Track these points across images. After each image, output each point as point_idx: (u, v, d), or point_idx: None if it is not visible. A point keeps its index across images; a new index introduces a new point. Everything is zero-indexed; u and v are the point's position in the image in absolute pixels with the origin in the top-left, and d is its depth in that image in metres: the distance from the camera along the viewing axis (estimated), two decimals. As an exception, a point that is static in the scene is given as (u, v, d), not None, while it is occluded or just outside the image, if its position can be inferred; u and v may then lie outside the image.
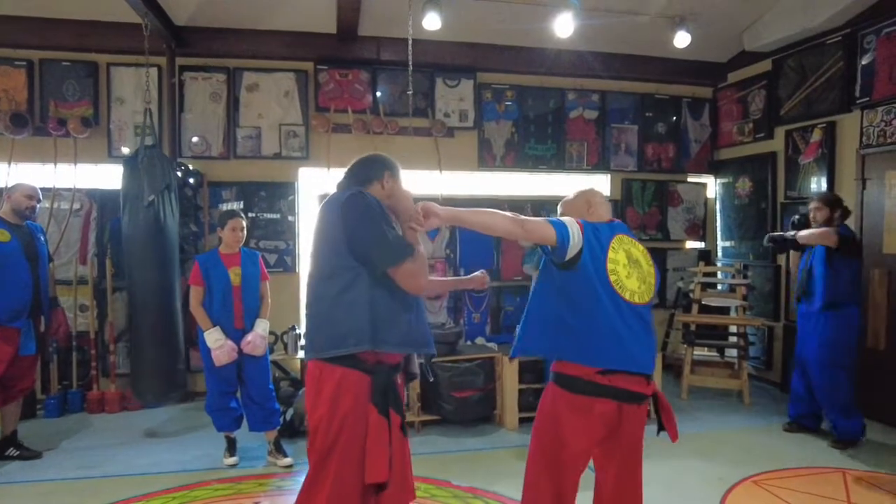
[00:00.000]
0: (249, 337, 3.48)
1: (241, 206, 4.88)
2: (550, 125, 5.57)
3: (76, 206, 4.69)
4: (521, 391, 4.30)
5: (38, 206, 3.72)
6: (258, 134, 4.95)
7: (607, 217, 2.20)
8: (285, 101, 4.98)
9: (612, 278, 2.00)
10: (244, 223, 3.58)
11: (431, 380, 2.12)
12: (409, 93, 4.48)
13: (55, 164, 4.62)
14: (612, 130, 5.72)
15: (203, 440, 4.01)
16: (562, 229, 1.95)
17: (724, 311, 5.27)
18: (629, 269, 2.05)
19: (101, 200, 4.75)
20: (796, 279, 4.12)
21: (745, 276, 5.21)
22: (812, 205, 3.97)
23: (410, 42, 4.10)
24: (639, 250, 2.16)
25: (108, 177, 4.80)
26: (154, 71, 4.73)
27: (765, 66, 5.25)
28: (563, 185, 5.74)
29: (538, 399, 4.40)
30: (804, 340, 3.99)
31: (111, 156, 4.78)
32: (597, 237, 2.02)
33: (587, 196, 2.23)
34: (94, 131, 4.69)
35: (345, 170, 2.08)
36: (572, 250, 1.95)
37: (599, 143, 5.70)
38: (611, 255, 2.03)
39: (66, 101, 4.70)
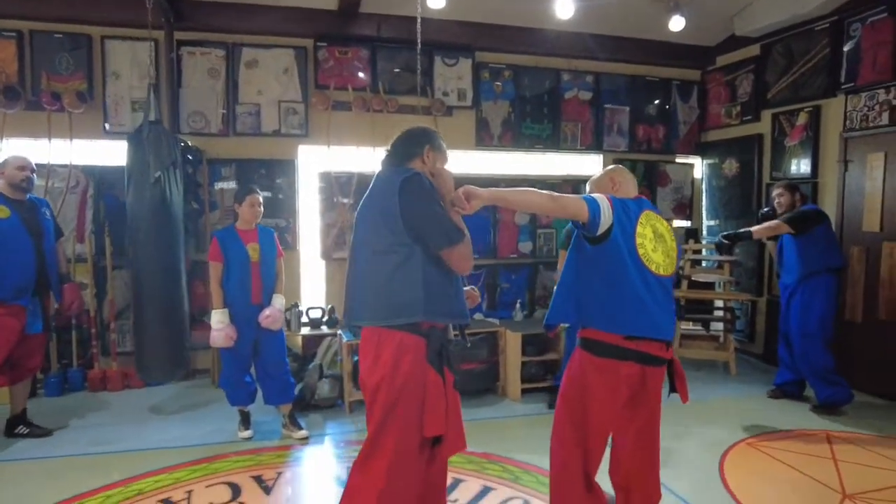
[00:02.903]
0: (268, 311, 3.53)
1: (229, 184, 4.87)
2: (546, 105, 5.67)
3: (72, 183, 4.60)
4: (523, 363, 4.46)
5: (33, 176, 3.63)
6: (257, 111, 4.92)
7: (634, 193, 2.34)
8: (285, 77, 4.95)
9: (640, 251, 2.14)
10: (261, 198, 3.60)
11: (468, 346, 2.24)
12: (418, 71, 4.51)
13: (49, 140, 4.51)
14: (605, 111, 5.85)
15: (214, 415, 4.07)
16: (594, 205, 2.07)
17: (710, 286, 5.52)
18: (655, 243, 2.20)
19: (98, 177, 4.67)
20: (775, 255, 4.42)
21: (731, 254, 5.44)
22: (776, 192, 4.30)
23: (419, 20, 4.12)
24: (663, 226, 2.30)
25: (104, 153, 4.73)
26: (149, 45, 4.64)
27: (753, 50, 5.43)
28: (557, 164, 5.88)
29: (541, 371, 4.62)
30: (786, 312, 4.27)
31: (107, 132, 4.70)
32: (626, 213, 2.15)
33: (611, 174, 2.37)
34: (88, 106, 4.59)
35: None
36: (603, 225, 2.07)
37: (593, 124, 5.83)
38: (639, 229, 2.16)
39: (59, 74, 4.58)
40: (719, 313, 5.49)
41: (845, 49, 4.59)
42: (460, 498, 2.90)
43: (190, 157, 4.65)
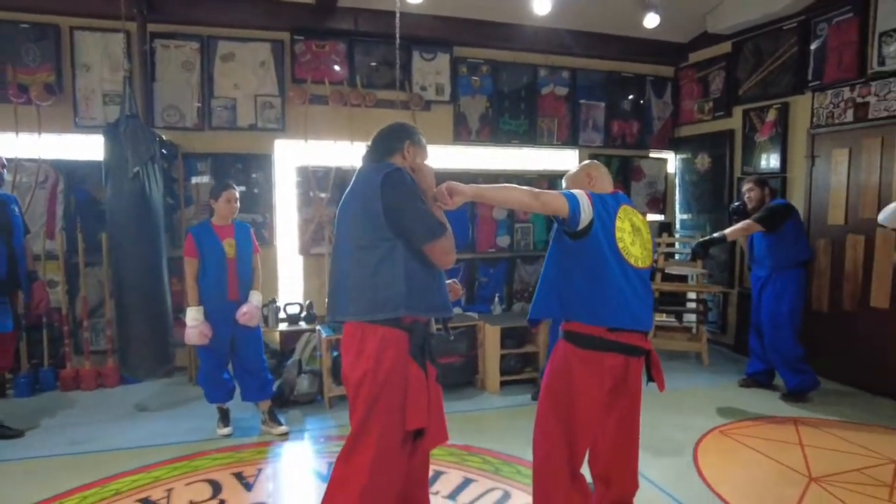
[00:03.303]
0: (245, 308, 3.51)
1: (205, 179, 4.80)
2: (523, 101, 5.71)
3: (41, 178, 4.49)
4: (502, 356, 4.51)
5: (3, 171, 3.57)
6: (233, 105, 4.86)
7: (610, 188, 2.39)
8: (261, 71, 4.90)
9: (620, 245, 2.19)
10: (238, 194, 3.57)
11: (452, 339, 2.27)
12: (397, 65, 4.51)
13: (17, 134, 4.39)
14: (580, 107, 5.91)
15: (192, 413, 4.03)
16: (573, 201, 2.10)
17: (683, 279, 5.64)
18: (633, 236, 2.25)
19: (69, 172, 4.57)
20: (747, 250, 4.54)
21: (706, 258, 5.57)
22: (745, 187, 4.42)
23: (398, 15, 4.11)
24: (639, 219, 2.36)
25: (75, 147, 4.62)
26: (122, 37, 4.54)
27: (725, 48, 5.55)
28: (534, 160, 5.93)
29: (519, 363, 4.67)
30: (757, 303, 4.39)
31: (77, 125, 4.59)
32: (605, 208, 2.19)
33: (587, 170, 2.41)
34: (57, 99, 4.48)
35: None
36: (584, 221, 2.11)
37: (569, 119, 5.89)
38: (618, 224, 2.21)
39: (25, 66, 4.46)
40: (692, 305, 5.62)
41: (812, 48, 4.72)
42: (441, 490, 2.94)
43: (165, 152, 4.57)
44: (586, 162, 2.50)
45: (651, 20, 5.05)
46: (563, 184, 2.49)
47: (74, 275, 4.55)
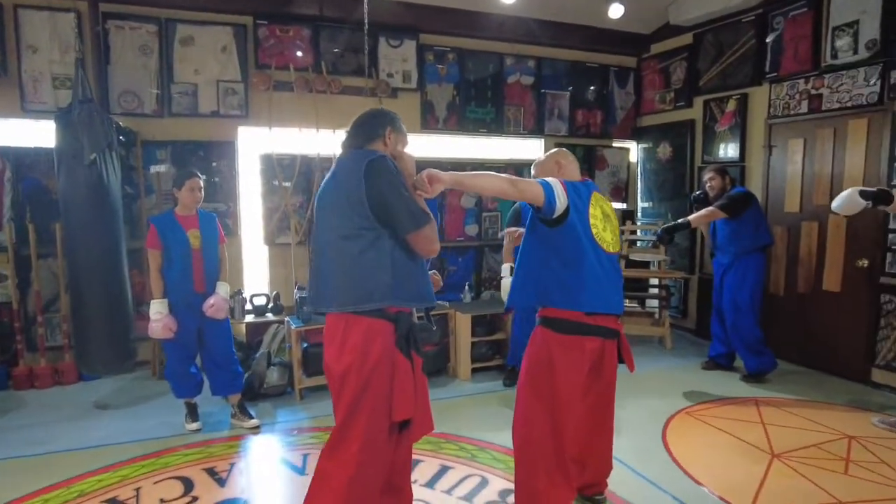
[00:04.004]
0: (212, 300, 3.41)
1: (165, 167, 4.62)
2: (490, 89, 5.71)
3: (-14, 165, 4.25)
4: (473, 344, 4.54)
5: None
6: (194, 91, 4.68)
7: (577, 176, 2.43)
8: (223, 56, 4.73)
9: (594, 231, 2.24)
10: (202, 182, 3.46)
11: (434, 328, 2.27)
12: (366, 52, 4.44)
13: (-42, 119, 4.14)
14: (546, 96, 5.95)
15: (157, 408, 3.92)
16: (549, 190, 2.13)
17: (645, 265, 5.78)
18: (604, 223, 2.31)
19: (16, 159, 4.33)
20: (708, 237, 4.68)
21: (671, 244, 5.72)
22: (707, 175, 4.55)
23: (366, 1, 4.03)
24: (608, 206, 2.42)
25: (23, 133, 4.38)
26: (72, 17, 4.32)
27: (686, 39, 5.67)
28: (501, 148, 5.95)
29: (490, 350, 4.71)
30: (719, 288, 4.54)
31: (25, 110, 4.35)
32: (578, 195, 2.24)
33: (556, 158, 2.45)
34: (2, 82, 4.23)
35: (348, 129, 2.10)
36: (559, 209, 2.15)
37: (535, 109, 5.92)
38: (591, 210, 2.26)
39: (-34, 47, 4.19)
40: (655, 291, 5.77)
41: (768, 41, 4.87)
42: (419, 478, 2.94)
43: (123, 139, 4.38)
44: (554, 150, 2.53)
45: (615, 10, 5.11)
46: (532, 171, 2.53)
47: (26, 268, 4.33)
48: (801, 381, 4.41)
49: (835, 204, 3.02)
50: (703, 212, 4.33)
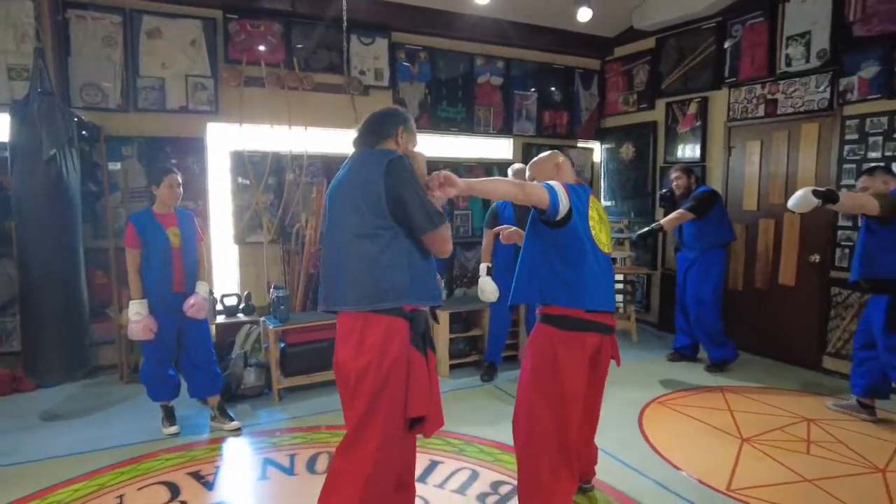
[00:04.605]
0: (192, 300, 3.33)
1: (136, 163, 4.47)
2: (461, 89, 5.76)
3: (-66, 160, 3.98)
4: (451, 340, 4.59)
5: None
6: (161, 85, 4.53)
7: (572, 179, 2.51)
8: (192, 50, 4.60)
9: (593, 233, 2.33)
10: (180, 179, 3.37)
11: (438, 324, 2.31)
12: (344, 49, 4.40)
13: None
14: (514, 97, 6.06)
15: (128, 413, 3.78)
16: (553, 193, 2.21)
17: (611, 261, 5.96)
18: (600, 224, 2.42)
19: (-32, 154, 4.09)
20: (673, 234, 4.89)
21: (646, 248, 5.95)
22: (673, 175, 4.77)
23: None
24: (601, 209, 2.53)
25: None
26: (30, 5, 4.11)
27: (649, 43, 5.88)
28: (472, 148, 6.01)
29: (467, 347, 4.77)
30: (683, 283, 4.75)
31: (-23, 102, 4.11)
32: (579, 198, 2.33)
33: (554, 159, 2.52)
34: (-48, 72, 4.00)
35: (360, 127, 2.10)
36: (562, 211, 2.23)
37: (504, 109, 6.01)
38: (590, 213, 2.35)
39: (-89, 33, 3.93)
40: (620, 286, 5.97)
41: (727, 47, 5.12)
42: (411, 474, 2.95)
43: (85, 134, 4.20)
44: (551, 152, 2.60)
45: (584, 14, 5.23)
46: (528, 172, 2.59)
47: (-22, 269, 4.10)
48: (760, 370, 4.67)
49: (791, 202, 3.25)
50: (673, 215, 4.52)
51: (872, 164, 3.74)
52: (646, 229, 4.64)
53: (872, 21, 4.11)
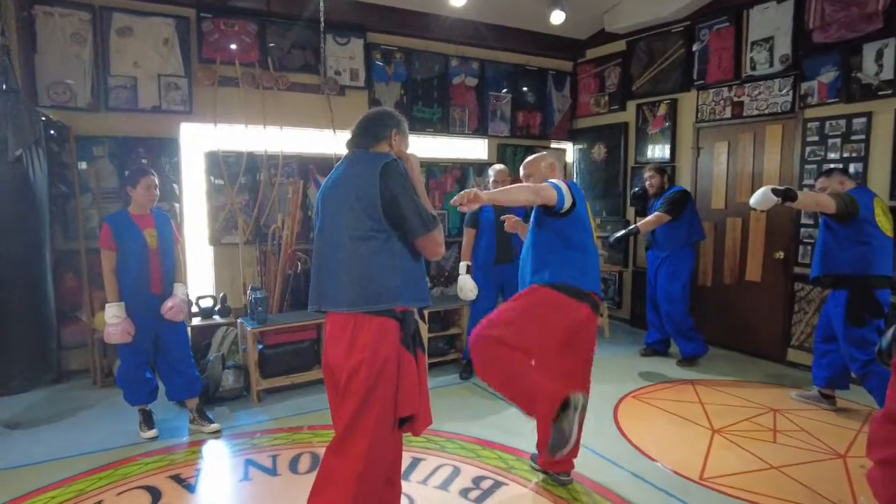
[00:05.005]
0: (170, 302, 3.30)
1: (109, 164, 4.39)
2: (436, 89, 5.80)
3: None
4: (430, 339, 4.62)
5: None
6: (133, 84, 4.46)
7: (562, 177, 2.71)
8: (164, 49, 4.53)
9: (592, 224, 2.69)
10: (157, 180, 3.33)
11: (425, 325, 2.38)
12: (322, 48, 4.39)
13: None
14: (489, 98, 6.12)
15: (103, 418, 3.72)
16: (559, 191, 2.51)
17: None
18: (591, 215, 2.76)
19: (-69, 155, 3.96)
20: (645, 234, 5.02)
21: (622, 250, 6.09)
22: (647, 173, 4.91)
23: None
24: (588, 204, 2.80)
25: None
26: (-6, 1, 4.00)
27: (620, 45, 6.01)
28: (448, 148, 6.06)
29: (446, 345, 4.85)
30: (654, 280, 4.88)
31: (-61, 101, 3.98)
32: (577, 193, 2.64)
33: (550, 161, 2.82)
34: (-88, 69, 3.86)
35: (354, 129, 2.12)
36: (566, 205, 2.52)
37: (479, 110, 6.08)
38: (587, 205, 2.72)
39: None
40: (593, 284, 6.08)
41: (695, 50, 5.28)
42: (395, 471, 2.99)
43: (53, 133, 4.11)
44: (544, 153, 2.88)
45: (557, 17, 5.35)
46: (522, 171, 2.84)
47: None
48: (729, 363, 4.83)
49: (752, 200, 3.43)
50: (650, 219, 4.66)
51: (831, 166, 3.93)
52: (622, 232, 4.76)
53: (830, 28, 4.30)
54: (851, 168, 4.23)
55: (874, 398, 3.53)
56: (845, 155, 4.30)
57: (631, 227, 4.76)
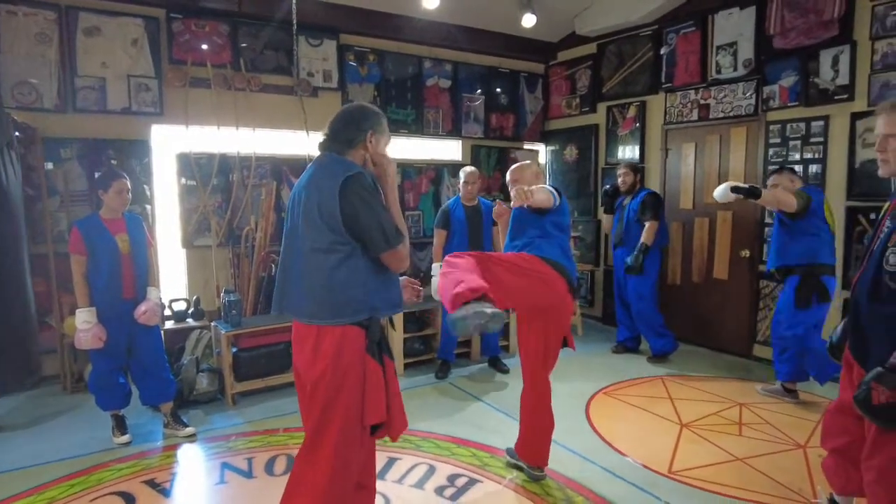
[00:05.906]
0: (144, 307, 3.28)
1: (78, 167, 4.30)
2: (410, 91, 5.83)
3: None
4: (405, 340, 4.66)
5: None
6: (102, 85, 4.39)
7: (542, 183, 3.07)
8: (133, 49, 4.47)
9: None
10: (129, 184, 3.30)
11: (395, 330, 2.38)
12: (294, 50, 4.39)
13: None
14: (462, 99, 6.17)
15: (75, 424, 3.67)
16: (554, 193, 2.83)
17: (558, 260, 6.19)
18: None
19: None
20: (611, 232, 5.19)
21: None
22: (620, 171, 5.01)
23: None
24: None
25: None
26: (-44, 0, 3.91)
27: (591, 48, 6.12)
28: (422, 149, 6.09)
29: (422, 346, 4.89)
30: (623, 279, 4.99)
31: None
32: (560, 194, 2.90)
33: (535, 169, 3.11)
34: None
35: (326, 132, 2.04)
36: (557, 202, 2.83)
37: (452, 111, 6.12)
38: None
39: None
40: (567, 283, 6.18)
41: (662, 54, 5.40)
42: (371, 471, 3.02)
43: (19, 135, 4.02)
44: (528, 162, 3.20)
45: (528, 20, 5.43)
46: (509, 177, 3.05)
47: None
48: (697, 359, 4.97)
49: (716, 193, 3.67)
50: (649, 231, 4.70)
51: (780, 165, 4.14)
52: (636, 253, 4.73)
53: (790, 35, 4.45)
54: (811, 169, 4.39)
55: (778, 371, 3.99)
56: (806, 156, 4.46)
57: (640, 245, 4.72)
